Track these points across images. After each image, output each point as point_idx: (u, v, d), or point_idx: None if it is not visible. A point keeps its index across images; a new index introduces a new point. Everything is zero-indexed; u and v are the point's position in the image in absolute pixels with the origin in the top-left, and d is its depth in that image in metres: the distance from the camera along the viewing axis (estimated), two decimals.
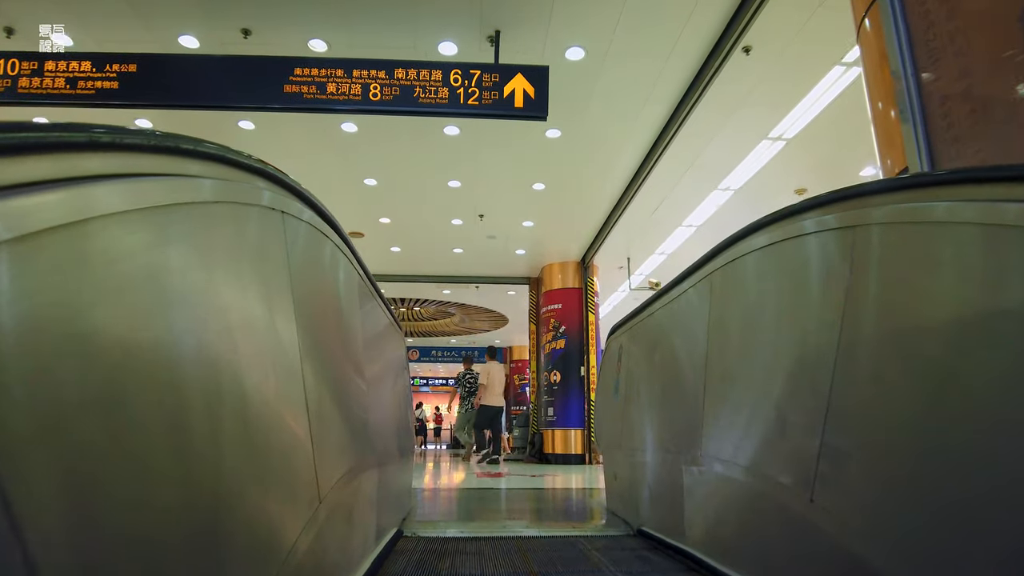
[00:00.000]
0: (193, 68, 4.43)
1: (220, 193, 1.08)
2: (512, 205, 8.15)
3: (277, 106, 4.40)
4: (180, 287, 0.88)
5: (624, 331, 3.63)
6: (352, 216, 8.58)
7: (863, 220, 1.40)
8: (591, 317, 10.17)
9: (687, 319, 2.58)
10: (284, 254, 1.37)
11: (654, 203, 8.03)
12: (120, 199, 0.76)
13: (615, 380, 3.72)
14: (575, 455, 9.75)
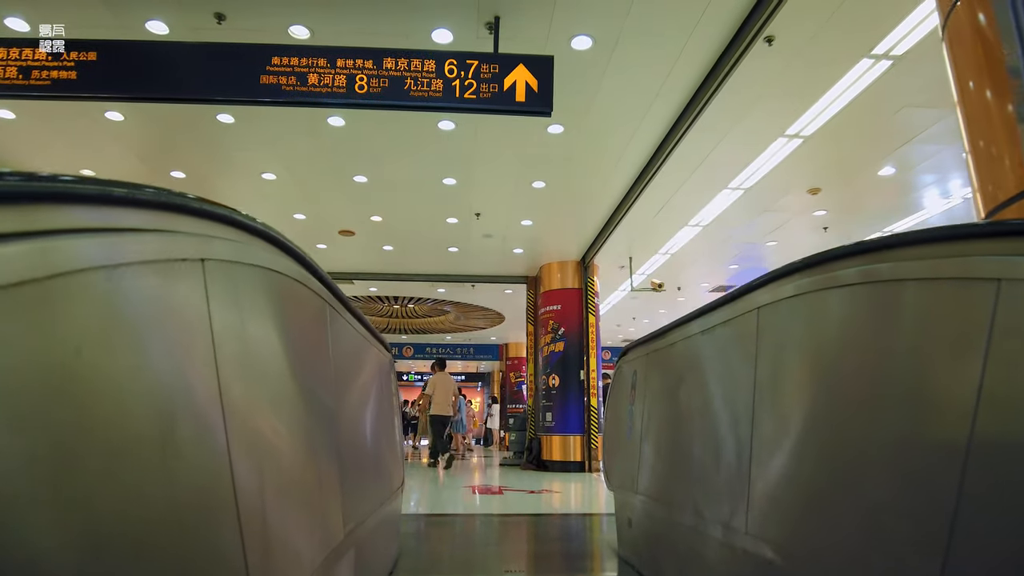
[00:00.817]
0: (158, 56, 3.99)
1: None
2: (510, 204, 7.74)
3: (252, 99, 3.97)
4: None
5: (640, 355, 3.24)
6: (342, 214, 8.15)
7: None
8: (591, 319, 9.78)
9: (725, 357, 2.18)
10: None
11: (660, 202, 7.63)
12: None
13: (628, 409, 3.33)
14: (574, 462, 9.39)
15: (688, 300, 13.44)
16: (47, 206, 0.68)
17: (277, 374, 1.37)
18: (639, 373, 3.19)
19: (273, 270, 1.39)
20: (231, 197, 7.58)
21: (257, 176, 6.91)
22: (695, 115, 5.27)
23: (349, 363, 2.24)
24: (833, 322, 1.60)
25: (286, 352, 1.43)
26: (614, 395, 3.73)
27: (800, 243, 9.46)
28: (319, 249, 9.64)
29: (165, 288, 0.87)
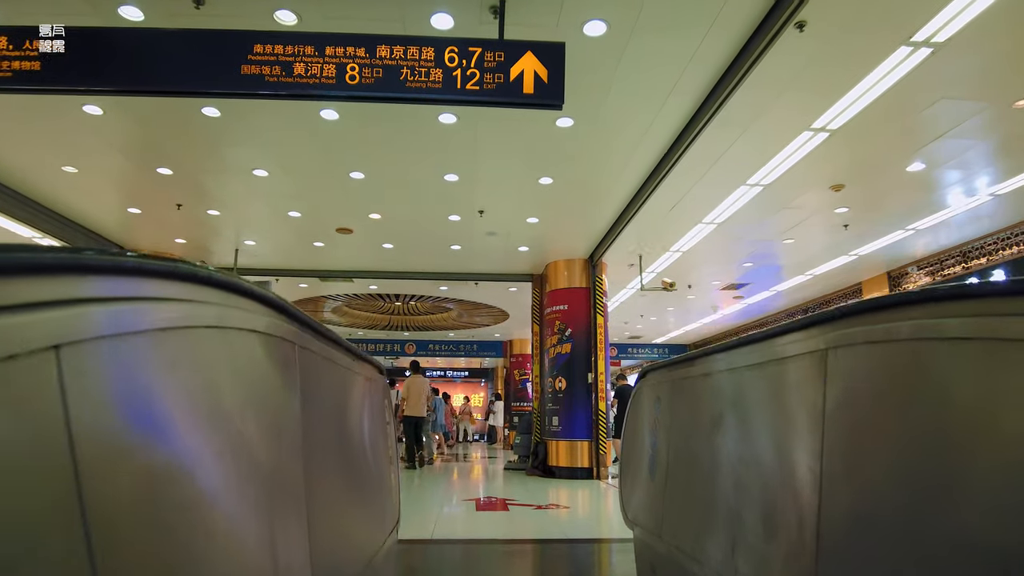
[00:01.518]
0: (130, 45, 3.62)
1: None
2: (515, 201, 7.37)
3: (231, 91, 3.60)
4: None
5: (665, 379, 2.87)
6: (338, 211, 7.79)
7: None
8: (599, 319, 9.42)
9: (779, 402, 1.81)
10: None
11: (673, 199, 7.24)
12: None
13: (650, 439, 2.97)
14: (582, 468, 9.06)
15: (699, 298, 13.07)
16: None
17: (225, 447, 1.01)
18: (664, 400, 2.83)
19: (219, 327, 1.03)
20: (222, 195, 7.23)
21: (248, 172, 6.54)
22: (716, 107, 4.88)
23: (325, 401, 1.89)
24: (943, 386, 1.22)
25: (235, 417, 1.08)
26: (633, 418, 3.37)
27: (818, 241, 9.06)
28: (316, 247, 9.29)
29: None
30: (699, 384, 2.42)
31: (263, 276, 10.57)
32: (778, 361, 1.82)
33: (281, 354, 1.44)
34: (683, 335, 18.23)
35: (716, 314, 14.74)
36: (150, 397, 0.82)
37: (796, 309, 13.97)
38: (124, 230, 8.71)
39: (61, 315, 0.65)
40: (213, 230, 8.61)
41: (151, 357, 0.82)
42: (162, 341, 0.84)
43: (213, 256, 9.85)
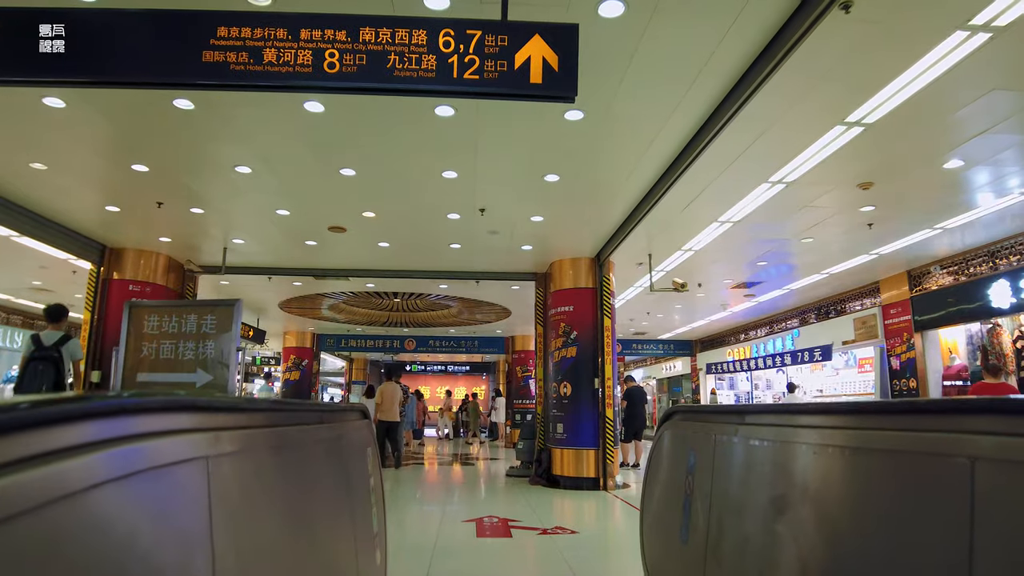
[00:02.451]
0: (75, 28, 3.12)
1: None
2: (519, 199, 6.87)
3: (190, 82, 3.10)
4: None
5: (702, 431, 2.40)
6: (330, 210, 7.30)
7: None
8: (607, 322, 8.94)
9: (899, 513, 1.33)
10: None
11: (688, 197, 6.75)
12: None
13: (682, 499, 2.50)
14: (588, 479, 8.61)
15: (708, 297, 12.59)
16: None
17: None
18: (702, 458, 2.36)
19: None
20: (204, 193, 6.74)
21: (230, 169, 6.05)
22: (744, 99, 4.37)
23: (267, 507, 1.42)
24: None
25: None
26: (657, 466, 2.91)
27: (840, 241, 8.58)
28: (308, 246, 8.80)
29: None
30: (757, 453, 1.94)
31: (255, 274, 10.11)
32: (887, 452, 1.34)
33: (178, 484, 0.97)
34: (690, 331, 17.77)
35: (725, 312, 14.26)
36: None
37: (808, 307, 13.49)
38: (106, 229, 8.23)
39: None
40: (199, 228, 8.12)
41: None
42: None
43: (202, 255, 9.37)
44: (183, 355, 3.39)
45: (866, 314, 11.46)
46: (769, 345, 15.21)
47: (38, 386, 5.55)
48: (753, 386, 18.47)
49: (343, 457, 2.26)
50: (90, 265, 8.98)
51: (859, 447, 1.42)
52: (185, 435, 0.98)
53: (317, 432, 1.90)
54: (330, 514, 1.95)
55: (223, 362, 3.35)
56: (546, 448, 9.34)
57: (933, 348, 10.18)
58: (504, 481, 9.66)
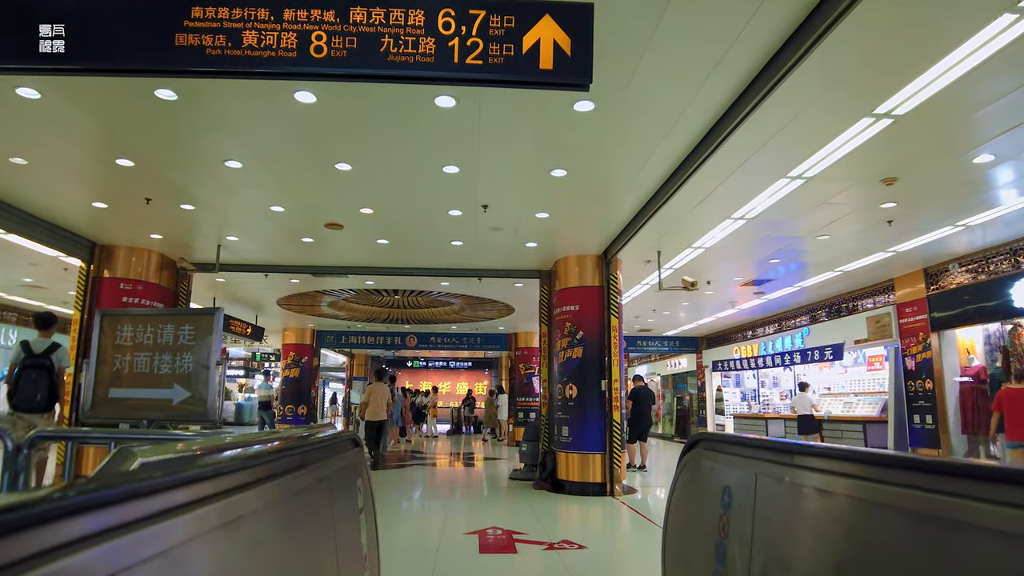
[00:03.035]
0: (29, 9, 2.80)
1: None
2: (524, 195, 6.55)
3: (162, 67, 2.80)
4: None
5: (741, 467, 2.09)
6: (325, 206, 6.98)
7: None
8: (614, 322, 8.63)
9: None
10: None
11: (703, 192, 6.42)
12: None
13: (715, 541, 2.19)
14: (594, 484, 8.33)
15: (716, 294, 12.26)
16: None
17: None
18: (740, 495, 2.05)
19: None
20: (193, 189, 6.43)
21: (219, 164, 5.74)
22: (771, 85, 4.04)
23: None
24: None
25: None
26: (683, 499, 2.60)
27: (857, 239, 8.24)
28: (304, 243, 8.50)
29: None
30: (815, 503, 1.64)
31: (250, 272, 9.82)
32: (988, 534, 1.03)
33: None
34: (696, 328, 17.45)
35: (733, 309, 13.94)
36: None
37: (818, 304, 13.16)
38: (95, 226, 7.93)
39: None
40: (191, 225, 7.82)
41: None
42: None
43: (195, 252, 9.08)
44: (159, 369, 3.09)
45: (880, 312, 11.13)
46: (778, 343, 14.90)
47: (33, 393, 5.67)
48: (760, 383, 18.18)
49: (332, 496, 1.96)
50: (80, 263, 8.69)
51: (966, 523, 1.11)
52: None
53: (299, 480, 1.60)
54: (314, 562, 1.65)
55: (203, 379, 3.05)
56: (551, 451, 9.05)
57: (950, 348, 9.86)
58: (507, 484, 9.38)
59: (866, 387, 14.06)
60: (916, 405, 10.10)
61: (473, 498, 8.17)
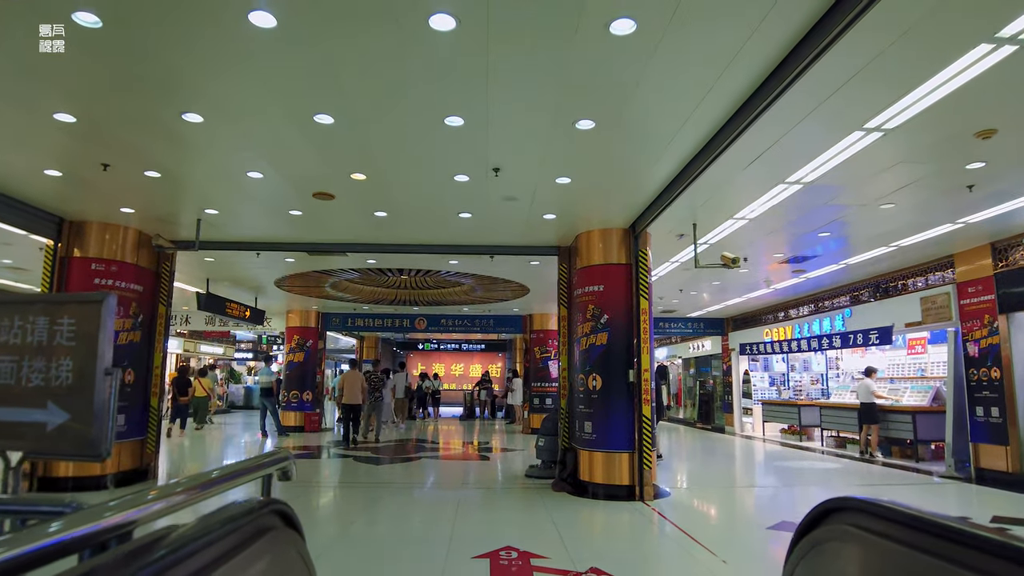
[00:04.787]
0: None
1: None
2: (542, 154, 5.52)
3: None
4: None
5: (935, 568, 1.10)
6: (310, 171, 6.00)
7: None
8: (643, 304, 7.63)
9: None
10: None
11: (756, 150, 5.37)
12: None
13: None
14: (621, 487, 7.39)
15: (752, 272, 11.18)
16: None
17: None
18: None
19: None
20: (152, 151, 5.46)
21: (175, 118, 4.77)
22: (861, 7, 2.98)
23: None
24: None
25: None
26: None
27: (925, 208, 7.15)
28: (293, 217, 7.53)
29: None
30: None
31: (235, 250, 8.89)
32: None
33: None
34: (722, 309, 16.37)
35: (768, 289, 12.85)
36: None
37: (862, 284, 12.04)
38: (60, 200, 7.04)
39: None
40: (164, 197, 6.89)
41: None
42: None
43: (177, 229, 8.15)
44: (27, 380, 2.15)
45: (936, 292, 10.01)
46: (815, 325, 13.79)
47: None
48: (789, 367, 17.12)
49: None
50: (47, 241, 7.80)
51: None
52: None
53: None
54: None
55: (87, 394, 2.12)
56: (571, 448, 8.12)
57: (1021, 333, 8.74)
58: (522, 484, 8.47)
59: (905, 372, 12.98)
60: (979, 396, 9.02)
61: (484, 503, 7.27)
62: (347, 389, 12.97)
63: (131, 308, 8.14)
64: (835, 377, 15.46)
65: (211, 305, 11.93)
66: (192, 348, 23.18)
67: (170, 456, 11.26)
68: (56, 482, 7.48)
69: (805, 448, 13.21)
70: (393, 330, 17.93)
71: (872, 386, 11.46)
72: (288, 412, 16.17)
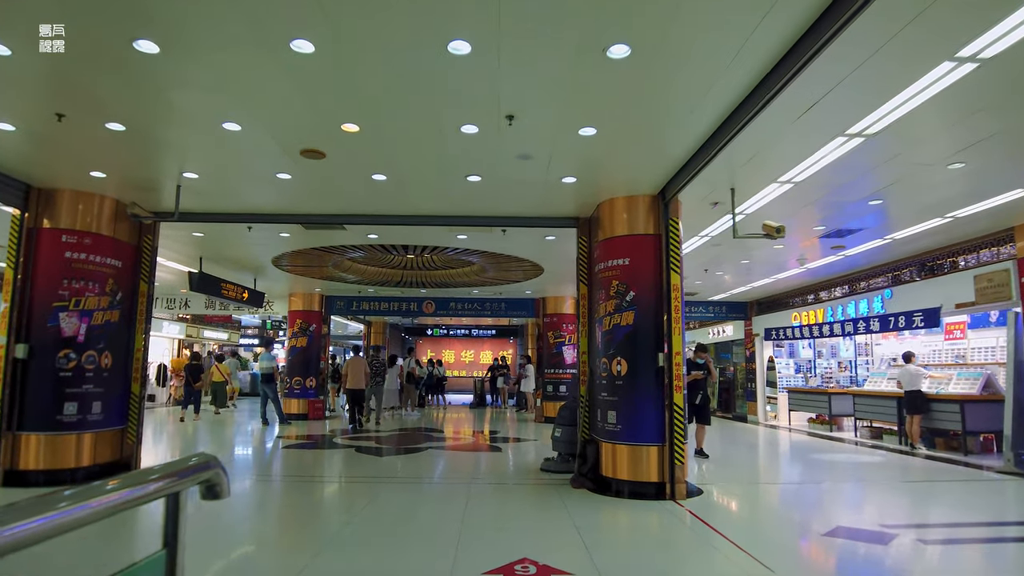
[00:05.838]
0: None
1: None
2: (565, 96, 4.66)
3: None
4: None
5: None
6: (295, 120, 5.17)
7: None
8: (675, 278, 6.79)
9: None
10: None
11: (815, 94, 4.50)
12: None
13: None
14: (649, 484, 6.60)
15: (788, 247, 10.29)
16: None
17: None
18: None
19: None
20: (108, 96, 4.66)
21: (127, 46, 3.96)
22: None
23: None
24: None
25: None
26: None
27: (999, 168, 6.25)
28: (281, 182, 6.73)
29: None
30: None
31: (221, 221, 8.12)
32: None
33: None
34: (747, 292, 15.46)
35: (801, 268, 11.95)
36: None
37: (904, 261, 11.10)
38: (24, 162, 6.30)
39: None
40: (136, 159, 6.11)
41: None
42: None
43: (159, 198, 7.38)
44: None
45: (993, 269, 9.09)
46: (850, 308, 12.88)
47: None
48: (816, 353, 16.22)
49: None
50: (13, 210, 7.07)
51: None
52: None
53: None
54: None
55: None
56: (592, 440, 7.32)
57: None
58: (537, 479, 7.70)
59: (941, 359, 12.07)
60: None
61: (497, 502, 6.50)
62: (351, 375, 13.46)
63: (107, 284, 7.39)
64: (864, 364, 14.58)
65: (204, 285, 11.21)
66: (195, 334, 22.56)
67: (170, 441, 10.60)
68: (24, 476, 6.79)
69: (837, 439, 12.36)
70: (400, 314, 17.17)
71: (920, 372, 10.58)
72: (290, 399, 15.50)
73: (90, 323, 7.18)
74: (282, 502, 6.69)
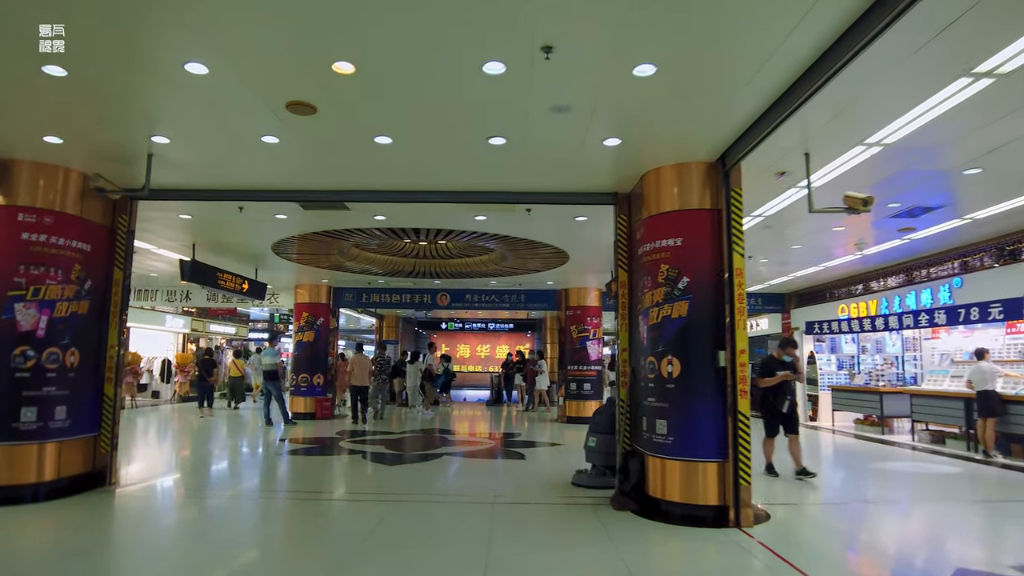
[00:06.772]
0: None
1: None
2: (616, 14, 3.54)
3: None
4: None
5: None
6: (273, 58, 4.09)
7: None
8: (739, 261, 5.66)
9: None
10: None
11: (931, 29, 3.36)
12: None
13: None
14: (707, 508, 5.50)
15: (850, 229, 9.10)
16: None
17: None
18: None
19: None
20: (21, 14, 3.62)
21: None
22: None
23: None
24: None
25: None
26: None
27: None
28: (268, 147, 5.67)
29: None
30: None
31: (200, 199, 7.09)
32: None
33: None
34: (787, 282, 14.25)
35: (859, 254, 10.74)
36: None
37: (974, 246, 9.87)
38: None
39: None
40: (91, 117, 5.09)
41: None
42: None
43: (132, 171, 6.36)
44: None
45: None
46: (908, 299, 11.64)
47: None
48: (860, 349, 14.99)
49: None
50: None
51: None
52: None
53: None
54: None
55: None
56: (635, 453, 6.23)
57: None
58: (570, 496, 6.62)
59: (1005, 355, 10.81)
60: None
61: (528, 534, 5.41)
62: (355, 372, 13.82)
63: (73, 271, 6.40)
64: (911, 360, 13.35)
65: (199, 275, 10.25)
66: (201, 328, 21.72)
67: (160, 445, 9.67)
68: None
69: (892, 443, 11.16)
70: (413, 306, 16.16)
71: (995, 370, 9.37)
72: (297, 397, 14.54)
73: (52, 315, 6.19)
74: (265, 531, 5.67)
